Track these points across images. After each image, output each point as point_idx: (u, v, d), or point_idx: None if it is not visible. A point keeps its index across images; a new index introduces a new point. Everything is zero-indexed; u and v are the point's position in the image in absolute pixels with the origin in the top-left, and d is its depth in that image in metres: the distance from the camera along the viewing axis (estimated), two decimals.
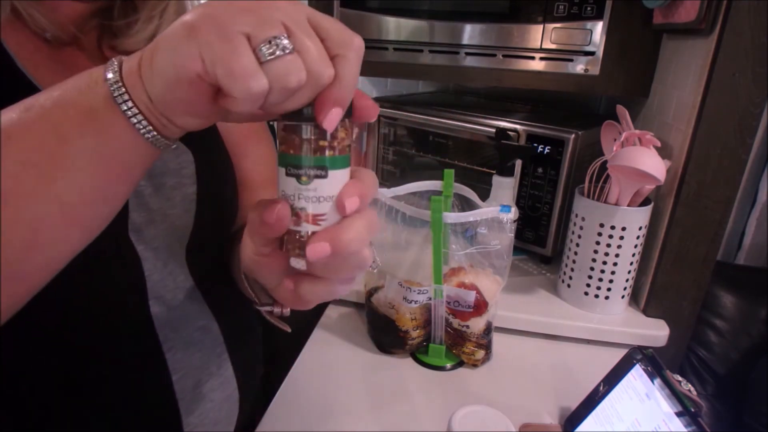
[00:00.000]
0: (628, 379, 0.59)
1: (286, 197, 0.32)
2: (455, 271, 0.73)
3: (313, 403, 0.67)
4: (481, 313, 0.71)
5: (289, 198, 0.32)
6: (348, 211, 0.32)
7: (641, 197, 0.78)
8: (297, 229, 0.32)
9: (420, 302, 0.72)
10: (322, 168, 0.31)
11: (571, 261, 0.83)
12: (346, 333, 0.82)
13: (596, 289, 0.82)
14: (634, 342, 0.79)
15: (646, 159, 0.71)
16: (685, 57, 0.77)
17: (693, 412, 0.51)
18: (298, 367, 0.73)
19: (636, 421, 0.56)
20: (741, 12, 0.66)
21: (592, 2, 0.83)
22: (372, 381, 0.72)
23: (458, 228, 0.70)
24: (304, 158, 0.31)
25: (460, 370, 0.75)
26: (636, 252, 0.79)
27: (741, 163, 0.72)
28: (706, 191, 0.74)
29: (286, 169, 0.32)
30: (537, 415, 0.67)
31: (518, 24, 0.87)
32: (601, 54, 0.85)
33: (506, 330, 0.83)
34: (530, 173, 0.92)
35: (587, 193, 0.81)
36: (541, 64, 0.89)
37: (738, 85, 0.68)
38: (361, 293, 0.83)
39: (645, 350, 0.59)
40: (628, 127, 0.77)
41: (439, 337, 0.75)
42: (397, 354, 0.77)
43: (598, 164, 0.79)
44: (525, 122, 0.92)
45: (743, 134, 0.70)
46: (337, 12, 0.98)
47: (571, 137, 0.86)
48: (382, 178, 1.17)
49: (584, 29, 0.84)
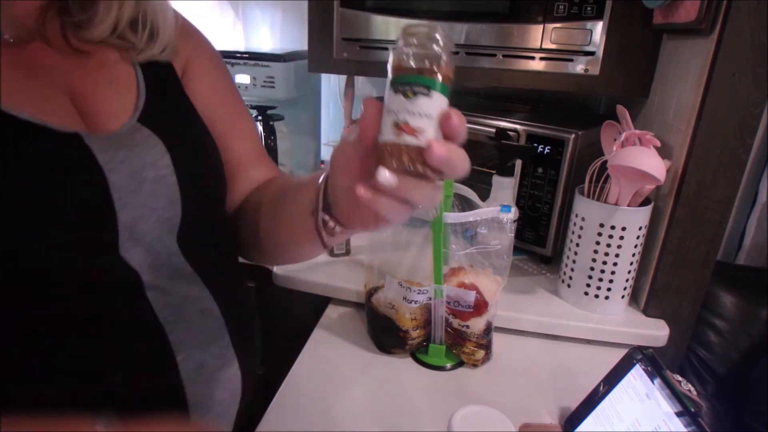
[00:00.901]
0: (628, 379, 0.59)
1: (390, 112, 0.36)
2: (455, 271, 0.73)
3: (313, 403, 0.67)
4: (481, 313, 0.71)
5: (392, 113, 0.36)
6: (454, 125, 0.36)
7: (641, 197, 0.78)
8: (394, 140, 0.36)
9: (420, 302, 0.72)
10: (426, 87, 0.36)
11: (571, 261, 0.83)
12: (346, 333, 0.82)
13: (596, 289, 0.82)
14: (634, 342, 0.79)
15: (646, 159, 0.71)
16: (685, 57, 0.77)
17: (693, 412, 0.51)
18: (298, 367, 0.73)
19: (636, 421, 0.56)
20: (741, 12, 0.66)
21: (592, 2, 0.83)
22: (372, 381, 0.72)
23: (458, 228, 0.70)
24: (412, 77, 0.36)
25: (460, 370, 0.75)
26: (636, 252, 0.79)
27: (741, 163, 0.72)
28: (706, 191, 0.74)
29: (394, 88, 0.37)
30: (537, 415, 0.67)
31: (518, 24, 0.87)
32: (601, 54, 0.85)
33: (506, 330, 0.83)
34: (530, 173, 0.92)
35: (587, 193, 0.81)
36: (541, 64, 0.89)
37: (738, 85, 0.68)
38: (361, 293, 0.83)
39: (645, 350, 0.59)
40: (628, 127, 0.77)
41: (439, 337, 0.75)
42: (397, 354, 0.77)
43: (598, 164, 0.79)
44: (525, 122, 0.92)
45: (743, 134, 0.70)
46: (337, 12, 0.98)
47: (571, 137, 0.86)
48: None
49: (584, 29, 0.84)
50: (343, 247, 0.96)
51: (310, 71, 1.06)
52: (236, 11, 1.43)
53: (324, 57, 1.03)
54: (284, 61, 1.16)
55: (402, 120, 0.36)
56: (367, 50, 0.99)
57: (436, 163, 0.35)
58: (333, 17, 0.99)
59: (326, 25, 1.00)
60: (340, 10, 0.98)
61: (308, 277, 0.89)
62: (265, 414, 0.64)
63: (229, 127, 0.62)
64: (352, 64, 1.02)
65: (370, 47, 0.99)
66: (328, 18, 0.99)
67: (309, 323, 0.84)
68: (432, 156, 0.35)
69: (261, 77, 1.17)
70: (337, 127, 1.42)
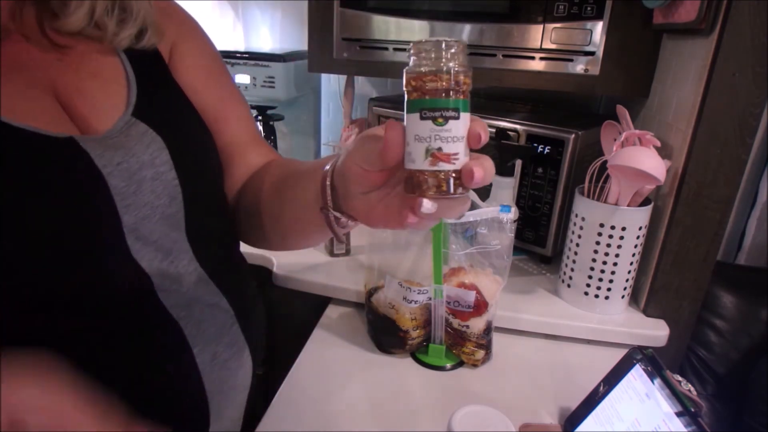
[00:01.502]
0: (628, 379, 0.59)
1: (420, 139, 0.35)
2: (455, 271, 0.73)
3: (313, 403, 0.67)
4: (481, 313, 0.71)
5: (423, 140, 0.35)
6: (483, 141, 0.36)
7: (641, 197, 0.78)
8: (431, 169, 0.36)
9: (420, 302, 0.72)
10: (456, 110, 0.35)
11: (571, 261, 0.83)
12: (346, 333, 0.82)
13: (596, 289, 0.82)
14: (634, 342, 0.79)
15: (646, 159, 0.71)
16: (685, 57, 0.77)
17: (693, 412, 0.51)
18: (298, 367, 0.73)
19: (636, 421, 0.56)
20: (741, 12, 0.66)
21: (592, 2, 0.83)
22: (372, 381, 0.72)
23: (458, 228, 0.70)
24: (441, 101, 0.35)
25: (460, 370, 0.75)
26: (636, 252, 0.79)
27: (741, 163, 0.72)
28: (706, 191, 0.74)
29: (420, 113, 0.35)
30: (537, 415, 0.67)
31: (518, 24, 0.87)
32: (601, 54, 0.85)
33: (506, 330, 0.83)
34: (530, 173, 0.92)
35: (587, 193, 0.81)
36: (541, 64, 0.89)
37: (738, 85, 0.68)
38: (361, 293, 0.83)
39: (645, 350, 0.59)
40: (628, 127, 0.77)
41: (439, 337, 0.75)
42: (397, 354, 0.77)
43: (598, 164, 0.79)
44: (525, 122, 0.92)
45: (743, 134, 0.70)
46: (337, 12, 0.98)
47: (571, 137, 0.86)
48: None
49: (584, 29, 0.84)
50: (343, 247, 0.96)
51: (310, 71, 1.06)
52: (236, 11, 1.43)
53: (324, 57, 1.03)
54: (284, 61, 1.16)
55: (435, 147, 0.35)
56: (367, 50, 0.99)
57: (473, 185, 0.36)
58: (333, 17, 0.99)
59: (326, 25, 1.00)
60: (340, 10, 0.98)
61: (308, 277, 0.89)
62: (265, 414, 0.64)
63: (221, 110, 0.60)
64: (352, 64, 1.02)
65: (370, 47, 0.99)
66: (328, 18, 0.99)
67: (309, 323, 0.84)
68: (470, 179, 0.35)
69: (261, 77, 1.17)
70: (337, 127, 1.42)
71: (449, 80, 0.35)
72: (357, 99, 1.28)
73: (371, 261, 0.78)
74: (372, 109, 1.11)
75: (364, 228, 0.49)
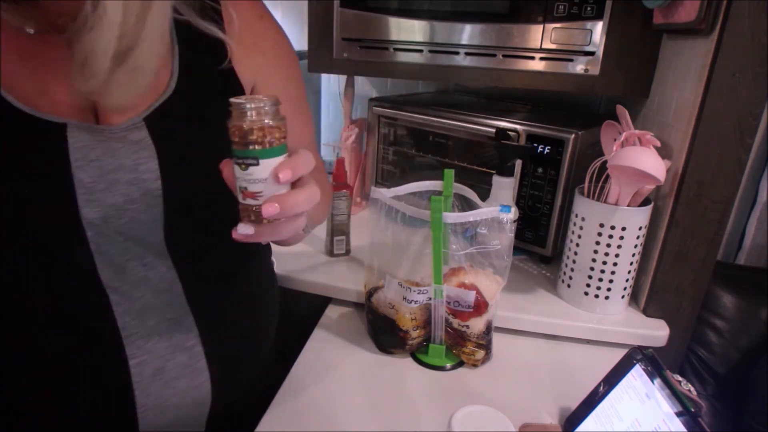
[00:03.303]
0: (628, 379, 0.59)
1: (237, 179, 0.43)
2: (455, 271, 0.73)
3: (313, 403, 0.67)
4: (481, 313, 0.71)
5: (238, 179, 0.43)
6: (282, 180, 0.42)
7: (641, 197, 0.78)
8: (243, 203, 0.44)
9: (420, 302, 0.72)
10: (255, 158, 0.42)
11: (571, 261, 0.83)
12: (346, 333, 0.82)
13: (596, 289, 0.82)
14: (634, 342, 0.79)
15: (646, 159, 0.71)
16: (685, 57, 0.77)
17: (693, 412, 0.51)
18: (298, 367, 0.74)
19: (636, 421, 0.56)
20: (741, 12, 0.66)
21: (592, 2, 0.83)
22: (372, 381, 0.72)
23: (458, 228, 0.70)
24: (239, 152, 0.42)
25: (460, 370, 0.75)
26: (636, 252, 0.79)
27: (741, 163, 0.72)
28: (706, 191, 0.74)
29: (234, 159, 0.43)
30: (537, 415, 0.67)
31: (518, 24, 0.87)
32: (601, 54, 0.85)
33: (506, 330, 0.83)
34: (530, 173, 0.92)
35: (587, 193, 0.81)
36: (541, 64, 0.89)
37: (738, 85, 0.68)
38: (361, 293, 0.83)
39: (645, 350, 0.59)
40: (628, 127, 0.77)
41: (439, 337, 0.75)
42: (397, 354, 0.77)
43: (598, 164, 0.79)
44: (525, 122, 0.92)
45: (743, 134, 0.70)
46: (337, 12, 0.98)
47: (571, 137, 0.86)
48: (382, 178, 1.17)
49: (584, 29, 0.84)
50: (343, 247, 0.96)
51: (310, 71, 1.06)
52: None
53: (324, 57, 1.03)
54: None
55: (243, 187, 0.43)
56: (367, 50, 0.99)
57: (271, 218, 0.42)
58: (333, 17, 0.99)
59: (326, 25, 1.00)
60: (340, 10, 0.98)
61: (308, 277, 0.89)
62: (265, 414, 0.64)
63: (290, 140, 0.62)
64: (352, 64, 1.02)
65: (370, 47, 0.99)
66: (328, 18, 0.99)
67: (309, 323, 0.84)
68: (266, 214, 0.42)
69: None
70: (337, 127, 1.42)
71: (251, 134, 0.42)
72: (357, 99, 1.28)
73: (371, 261, 0.78)
74: (372, 109, 1.11)
75: (364, 228, 0.49)
